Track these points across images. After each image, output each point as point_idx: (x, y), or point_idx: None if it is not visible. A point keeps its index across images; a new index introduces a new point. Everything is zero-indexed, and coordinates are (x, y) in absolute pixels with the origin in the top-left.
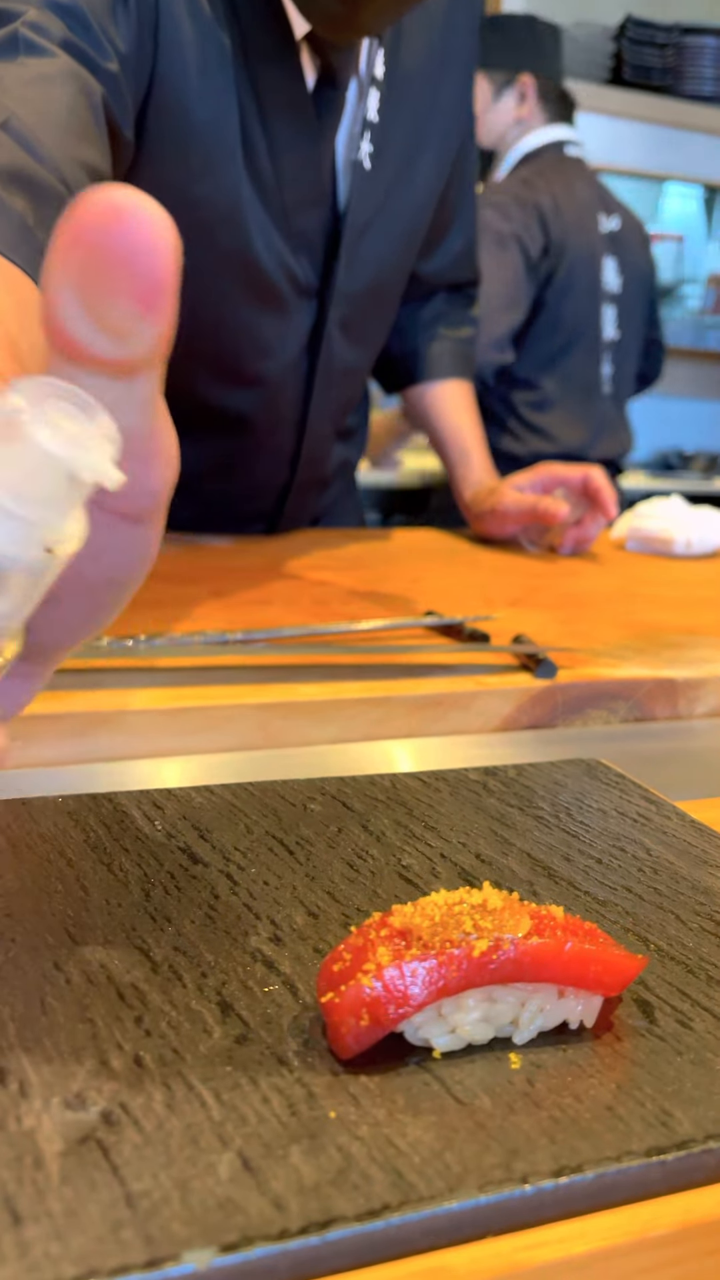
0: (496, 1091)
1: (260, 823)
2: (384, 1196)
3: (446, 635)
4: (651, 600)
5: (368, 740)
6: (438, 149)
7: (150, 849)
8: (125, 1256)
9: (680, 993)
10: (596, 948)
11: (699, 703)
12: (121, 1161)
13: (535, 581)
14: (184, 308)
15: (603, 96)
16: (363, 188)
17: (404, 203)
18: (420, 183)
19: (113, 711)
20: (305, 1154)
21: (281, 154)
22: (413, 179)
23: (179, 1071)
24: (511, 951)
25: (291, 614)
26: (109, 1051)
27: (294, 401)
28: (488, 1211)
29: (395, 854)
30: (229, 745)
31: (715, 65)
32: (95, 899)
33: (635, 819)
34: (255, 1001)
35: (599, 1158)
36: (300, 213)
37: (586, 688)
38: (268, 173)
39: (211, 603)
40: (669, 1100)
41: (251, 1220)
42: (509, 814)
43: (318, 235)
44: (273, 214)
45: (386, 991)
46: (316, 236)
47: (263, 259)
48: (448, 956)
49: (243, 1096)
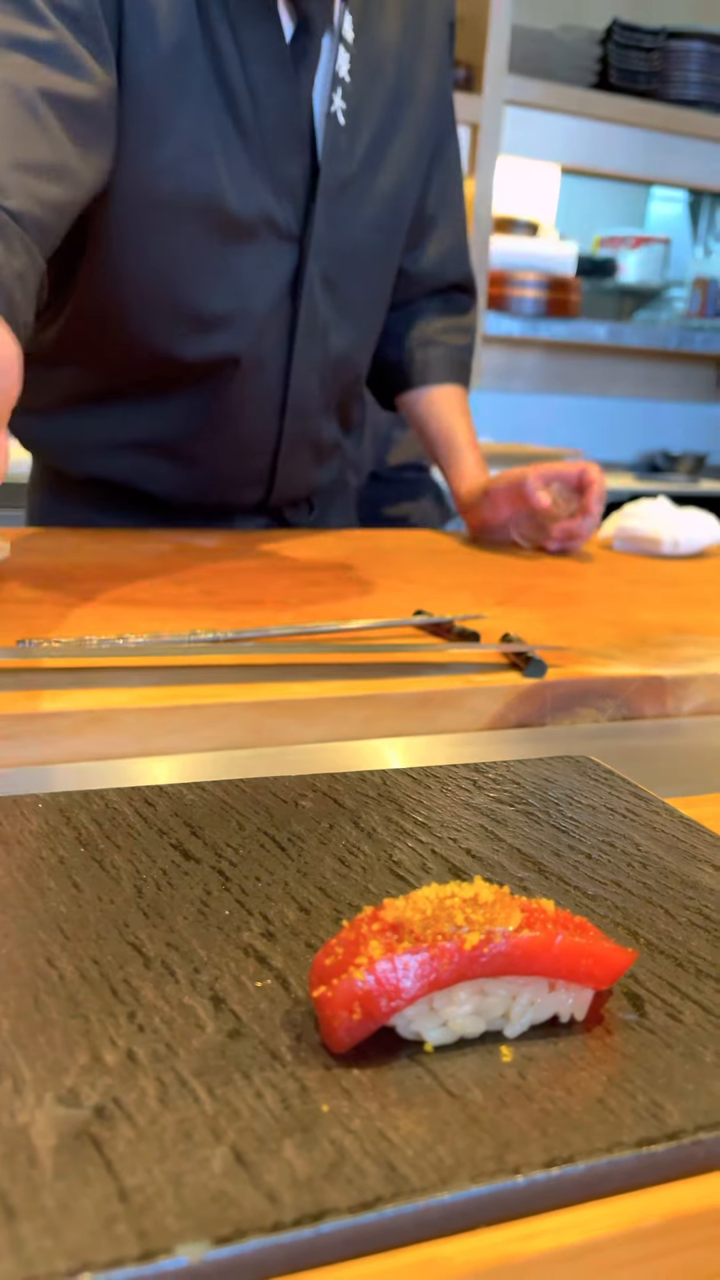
0: (488, 1084)
1: (252, 819)
2: (377, 1189)
3: (436, 634)
4: (639, 600)
5: (358, 739)
6: (418, 129)
7: (142, 846)
8: (118, 1250)
9: (670, 986)
10: (587, 941)
11: (686, 701)
12: (115, 1156)
13: (524, 581)
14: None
15: (589, 100)
16: (339, 140)
17: (384, 169)
18: (401, 154)
19: (104, 710)
20: (298, 1147)
21: (261, 97)
22: (392, 146)
23: (172, 1066)
24: (503, 945)
25: (282, 613)
26: (102, 1047)
27: (276, 349)
28: (480, 1203)
29: (386, 850)
30: (220, 744)
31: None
32: (87, 896)
33: (624, 814)
34: (248, 996)
35: (590, 1149)
36: (281, 157)
37: (575, 686)
38: (249, 117)
39: (203, 602)
40: (659, 1092)
41: (245, 1213)
42: (499, 810)
43: (299, 182)
44: (253, 156)
45: (378, 985)
46: (298, 184)
47: (238, 199)
48: (439, 950)
49: (235, 1091)
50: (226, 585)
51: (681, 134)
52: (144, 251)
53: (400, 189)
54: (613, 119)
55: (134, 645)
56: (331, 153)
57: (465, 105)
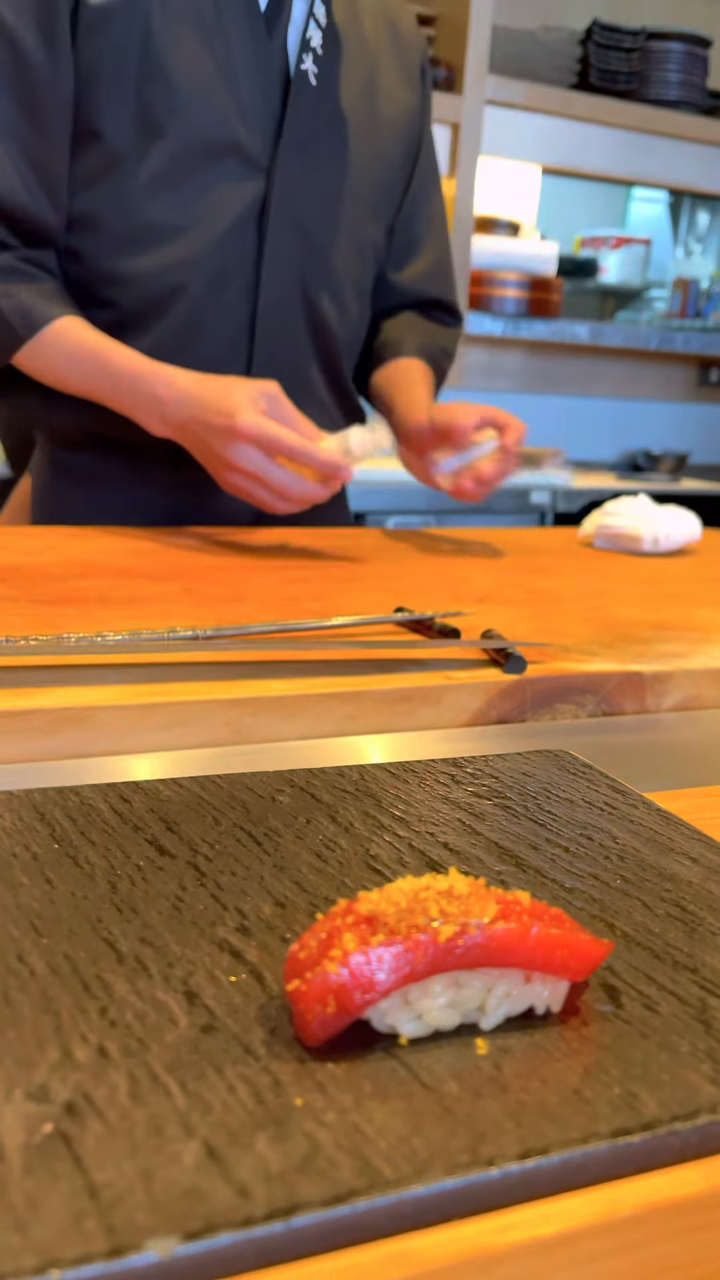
0: (463, 1077)
1: (228, 814)
2: (350, 1182)
3: (417, 631)
4: (619, 596)
5: (339, 736)
6: (394, 127)
7: (117, 841)
8: (87, 1246)
9: (646, 977)
10: (563, 932)
11: (666, 696)
12: (84, 1152)
13: (505, 578)
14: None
15: (569, 101)
16: (308, 93)
17: (351, 143)
18: (369, 141)
19: (81, 708)
20: (271, 1141)
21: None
22: (359, 125)
23: (144, 1061)
24: (478, 936)
25: (263, 611)
26: (73, 1043)
27: (241, 269)
28: (454, 1195)
29: (363, 844)
30: (199, 741)
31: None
32: (61, 892)
33: (602, 808)
34: (222, 991)
35: (565, 1140)
36: (254, 94)
37: (555, 682)
38: (223, 60)
39: (183, 600)
40: (635, 1083)
41: (216, 1208)
42: (477, 804)
43: (269, 121)
44: (229, 92)
45: (353, 978)
46: (268, 122)
47: (207, 123)
48: (414, 942)
49: (208, 1085)
50: (206, 583)
51: (661, 134)
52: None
53: (369, 170)
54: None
55: (112, 643)
56: (299, 101)
57: (446, 105)
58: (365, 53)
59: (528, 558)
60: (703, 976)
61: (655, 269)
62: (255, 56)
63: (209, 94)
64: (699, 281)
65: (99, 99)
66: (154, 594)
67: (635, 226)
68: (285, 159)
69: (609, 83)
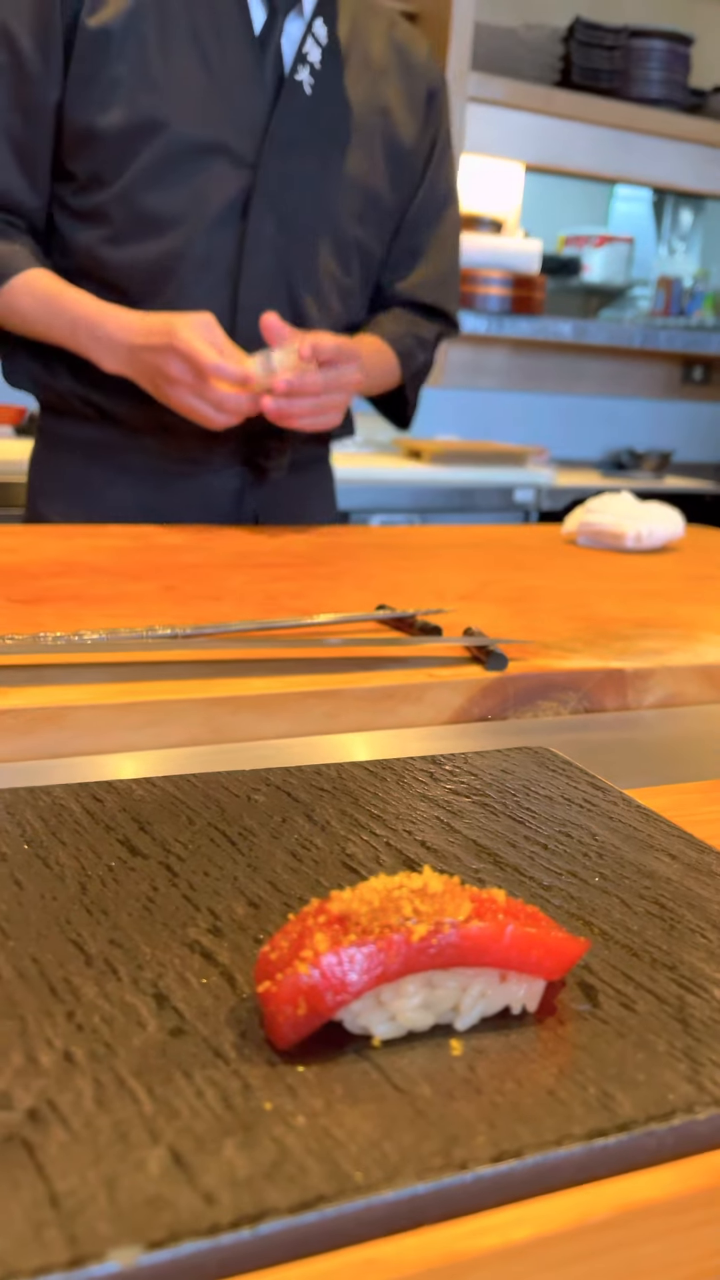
0: (437, 1079)
1: (202, 814)
2: (319, 1187)
3: (398, 629)
4: (602, 594)
5: (319, 734)
6: (391, 143)
7: (88, 842)
8: (46, 1256)
9: (624, 975)
10: (538, 931)
11: (648, 694)
12: (47, 1160)
13: (487, 576)
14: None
15: (552, 98)
16: (299, 101)
17: (346, 155)
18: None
19: (57, 707)
20: (239, 1147)
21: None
22: (357, 140)
23: (111, 1067)
24: (452, 936)
25: (243, 609)
26: (38, 1048)
27: (224, 260)
28: (426, 1200)
29: (339, 843)
30: (177, 741)
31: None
32: (29, 893)
33: (582, 805)
34: (192, 993)
35: (539, 1142)
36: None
37: (537, 679)
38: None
39: (163, 599)
40: (611, 1083)
41: (180, 1216)
42: (455, 802)
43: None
44: (220, 97)
45: (324, 979)
46: (258, 124)
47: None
48: (387, 942)
49: (176, 1090)
50: (186, 581)
51: (644, 132)
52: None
53: (360, 179)
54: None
55: (90, 641)
56: (289, 106)
57: None
58: (369, 71)
59: (510, 555)
60: (681, 974)
61: (639, 267)
62: (247, 67)
63: (200, 98)
64: (682, 280)
65: (98, 104)
66: (132, 593)
67: (618, 225)
68: (270, 155)
69: (591, 80)
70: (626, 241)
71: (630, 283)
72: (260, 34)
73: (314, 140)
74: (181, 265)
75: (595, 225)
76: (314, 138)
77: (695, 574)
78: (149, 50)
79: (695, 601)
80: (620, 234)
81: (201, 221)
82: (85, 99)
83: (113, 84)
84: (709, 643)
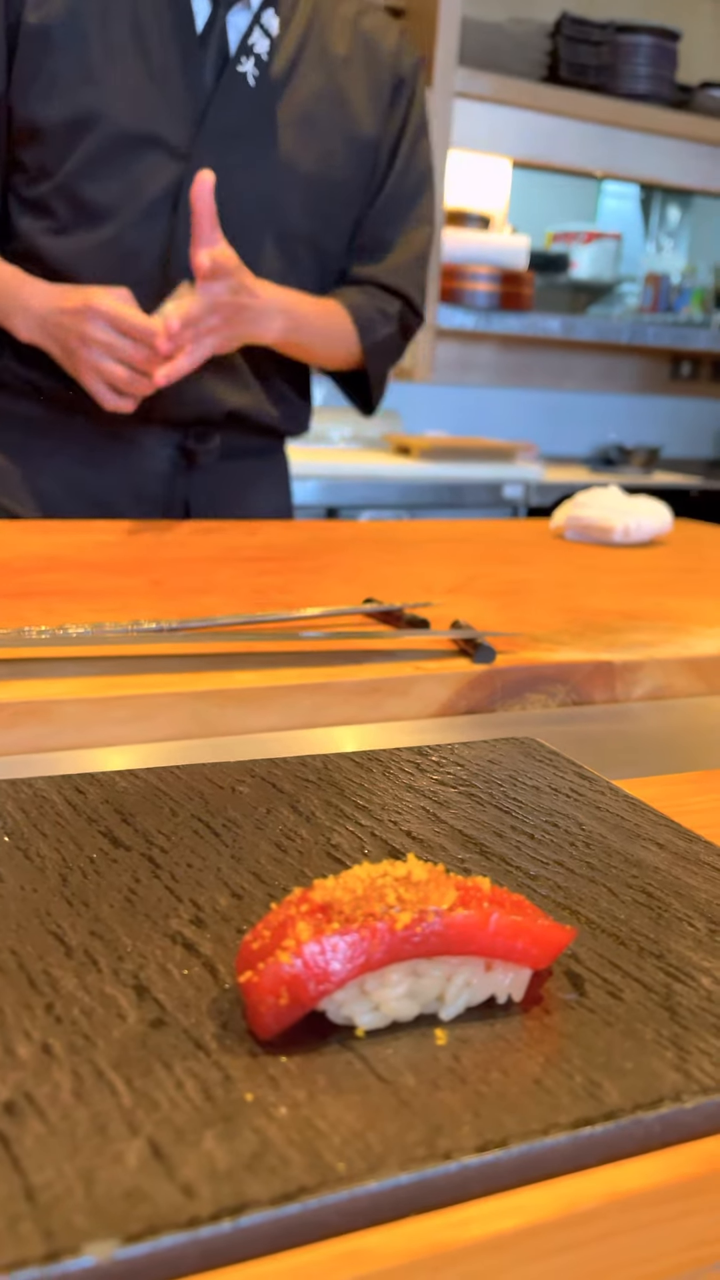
0: (421, 1069)
1: (186, 805)
2: (301, 1179)
3: (386, 622)
4: (589, 587)
5: (306, 727)
6: (351, 136)
7: (70, 834)
8: (21, 1251)
9: (611, 964)
10: (524, 919)
11: (636, 686)
12: (23, 1153)
13: (476, 569)
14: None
15: (539, 94)
16: (240, 91)
17: (295, 145)
18: (327, 141)
19: (42, 701)
20: (219, 1138)
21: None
22: (308, 132)
23: (89, 1058)
24: (436, 924)
25: (230, 603)
26: (15, 1040)
27: (155, 249)
28: (409, 1190)
29: (324, 834)
30: (164, 735)
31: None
32: (9, 885)
33: (569, 795)
34: (173, 985)
35: (525, 1131)
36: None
37: (525, 672)
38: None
39: (149, 593)
40: (597, 1072)
41: (159, 1209)
42: (442, 792)
43: (196, 109)
44: (154, 81)
45: (306, 968)
46: (194, 110)
47: (132, 115)
48: (370, 930)
49: (155, 1082)
50: (172, 575)
51: (631, 128)
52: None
53: (312, 173)
54: (562, 112)
55: (75, 635)
56: (229, 97)
57: None
58: (326, 64)
59: (498, 549)
60: (668, 962)
61: (626, 264)
62: (186, 60)
63: (136, 91)
64: (670, 276)
65: (40, 98)
66: (118, 587)
67: (606, 221)
68: (205, 147)
69: (578, 76)
70: (614, 238)
71: (618, 279)
72: (203, 27)
73: (258, 132)
74: (115, 256)
75: (583, 222)
76: (258, 130)
77: (683, 567)
78: (90, 45)
79: (683, 594)
80: (608, 230)
81: (134, 213)
82: (28, 93)
83: (53, 79)
84: (697, 635)
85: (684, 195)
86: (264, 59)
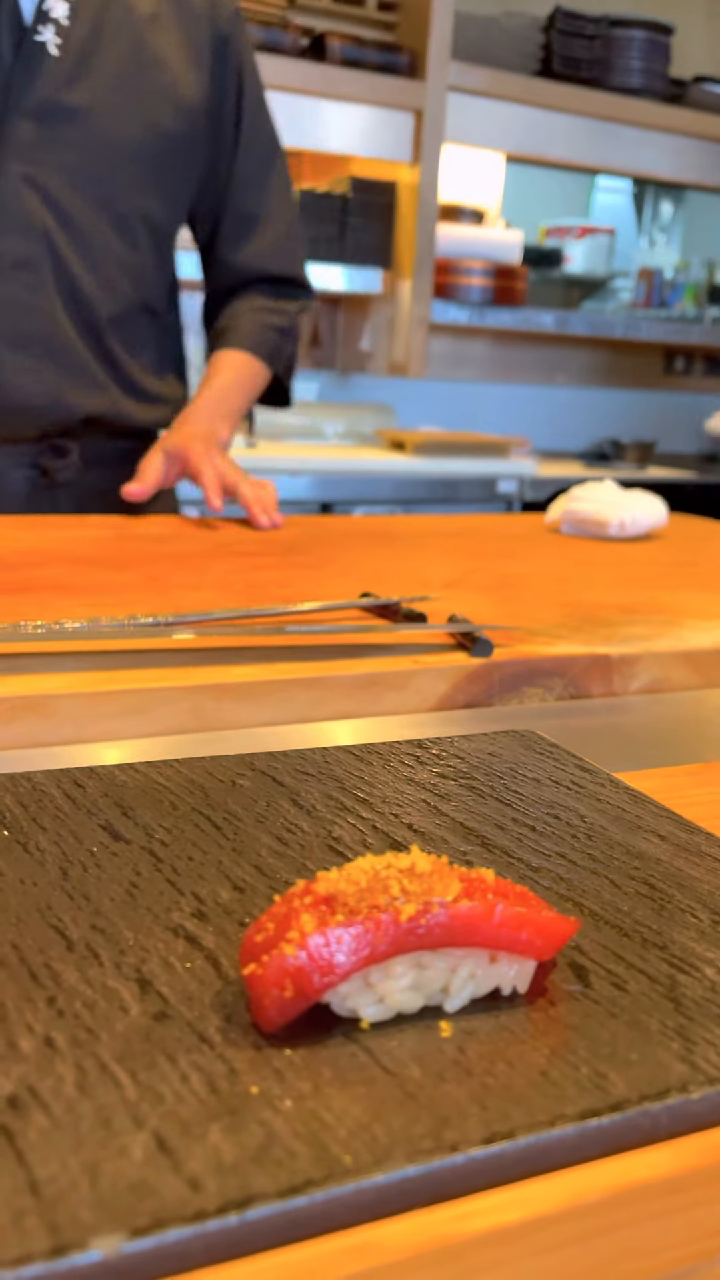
0: (426, 1061)
1: (186, 799)
2: (307, 1172)
3: (383, 616)
4: (586, 581)
5: (303, 722)
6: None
7: (70, 827)
8: (27, 1245)
9: (615, 955)
10: (528, 910)
11: (633, 679)
12: (27, 1147)
13: (472, 564)
14: None
15: (532, 88)
16: (44, 63)
17: (112, 114)
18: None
19: (39, 696)
20: (225, 1131)
21: None
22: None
23: (93, 1052)
24: (441, 915)
25: (226, 598)
26: (18, 1034)
27: None
28: (416, 1183)
29: (325, 827)
30: (160, 729)
31: (642, 58)
32: (9, 879)
33: (569, 787)
34: (176, 978)
35: (531, 1123)
36: None
37: (522, 665)
38: None
39: (145, 588)
40: (603, 1063)
41: (165, 1202)
42: (442, 785)
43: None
44: None
45: (311, 960)
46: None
47: None
48: (374, 922)
49: (160, 1075)
50: (169, 570)
51: (624, 122)
52: None
53: (140, 145)
54: (556, 106)
55: (71, 630)
56: (33, 68)
57: (408, 91)
58: (131, 26)
59: (495, 543)
60: (671, 954)
61: (620, 259)
62: None
63: None
64: (663, 271)
65: None
66: (114, 582)
67: (599, 216)
68: (16, 123)
69: (572, 70)
70: (608, 233)
71: (611, 274)
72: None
73: (75, 107)
74: None
75: (576, 216)
76: (75, 104)
77: (679, 560)
78: None
79: (679, 588)
80: (601, 225)
81: None
82: None
83: None
84: (693, 628)
85: (677, 190)
86: (64, 25)
